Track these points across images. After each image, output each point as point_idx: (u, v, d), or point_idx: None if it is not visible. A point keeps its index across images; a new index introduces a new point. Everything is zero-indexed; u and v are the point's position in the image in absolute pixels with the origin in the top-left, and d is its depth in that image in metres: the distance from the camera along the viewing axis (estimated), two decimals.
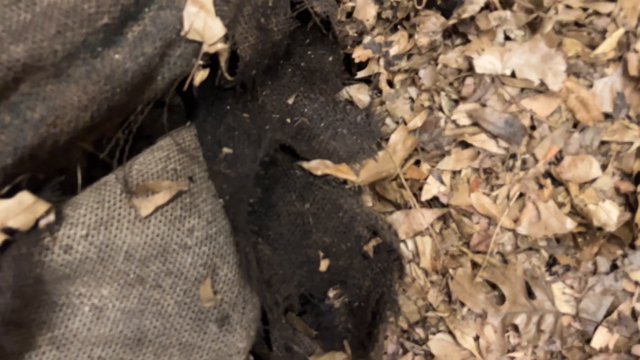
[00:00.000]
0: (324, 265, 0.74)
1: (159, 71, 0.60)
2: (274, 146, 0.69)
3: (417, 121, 0.76)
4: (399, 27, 0.79)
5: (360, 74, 0.80)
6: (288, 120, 0.78)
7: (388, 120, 0.80)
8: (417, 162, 0.79)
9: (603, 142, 0.72)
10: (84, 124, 0.56)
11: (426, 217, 0.77)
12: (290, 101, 0.79)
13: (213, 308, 0.62)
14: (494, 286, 0.76)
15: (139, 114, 0.62)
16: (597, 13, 0.71)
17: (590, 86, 0.72)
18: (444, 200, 0.76)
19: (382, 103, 0.80)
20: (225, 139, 0.69)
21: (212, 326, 0.62)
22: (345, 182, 0.77)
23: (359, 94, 0.80)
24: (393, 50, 0.78)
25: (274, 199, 0.74)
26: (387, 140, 0.78)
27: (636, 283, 0.72)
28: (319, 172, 0.74)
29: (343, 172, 0.76)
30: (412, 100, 0.78)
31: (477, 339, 0.77)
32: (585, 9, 0.71)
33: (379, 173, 0.77)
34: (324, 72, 0.79)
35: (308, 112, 0.80)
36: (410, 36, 0.78)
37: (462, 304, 0.78)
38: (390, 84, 0.80)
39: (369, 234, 0.75)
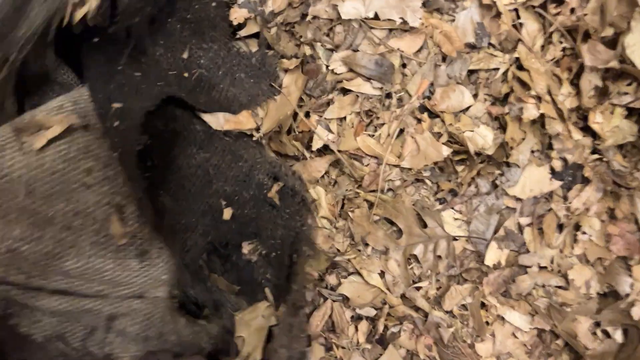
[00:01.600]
0: (227, 214, 0.77)
1: (30, 5, 0.62)
2: (161, 97, 0.72)
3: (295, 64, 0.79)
4: None
5: (242, 33, 0.83)
6: (186, 74, 0.80)
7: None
8: (307, 114, 0.83)
9: (471, 72, 0.77)
10: None
11: (320, 166, 0.81)
12: (185, 55, 0.81)
13: (130, 245, 0.65)
14: (391, 222, 0.81)
15: (19, 52, 0.64)
16: None
17: (453, 20, 0.77)
18: (334, 147, 0.81)
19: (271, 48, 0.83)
20: (115, 94, 0.71)
21: (133, 262, 0.65)
22: (246, 134, 0.80)
23: (250, 47, 0.83)
24: (268, 8, 0.82)
25: (175, 153, 0.77)
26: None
27: (515, 198, 0.78)
28: (218, 127, 0.77)
29: (243, 123, 0.79)
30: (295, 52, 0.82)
31: (383, 275, 0.82)
32: None
33: (279, 115, 0.80)
34: (210, 19, 0.80)
35: (204, 62, 0.81)
36: None
37: (366, 244, 0.82)
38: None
39: (270, 181, 0.78)
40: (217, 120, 0.78)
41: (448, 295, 0.81)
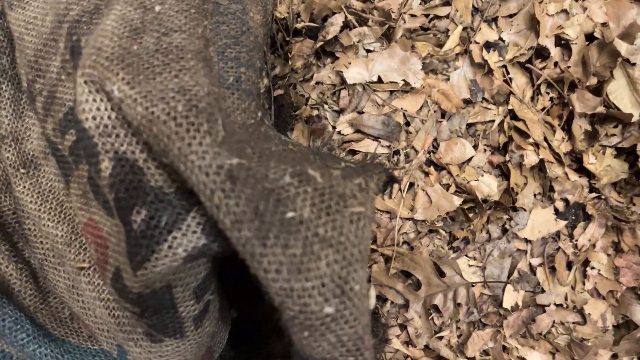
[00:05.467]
0: None
1: None
2: None
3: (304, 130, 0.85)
4: (275, 54, 0.89)
5: None
6: None
7: None
8: None
9: (469, 125, 0.85)
10: None
11: None
12: None
13: None
14: (408, 274, 0.85)
15: None
16: (437, 17, 0.84)
17: (448, 79, 0.85)
18: None
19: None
20: None
21: None
22: None
23: None
24: (274, 72, 0.88)
25: None
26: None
27: (526, 240, 0.84)
28: None
29: None
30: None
31: (405, 328, 0.85)
32: (427, 15, 0.84)
33: None
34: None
35: None
36: (286, 61, 0.88)
37: (385, 299, 0.86)
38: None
39: None
40: None
41: (470, 341, 0.84)
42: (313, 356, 0.47)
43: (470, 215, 0.83)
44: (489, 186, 0.83)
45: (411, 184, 0.83)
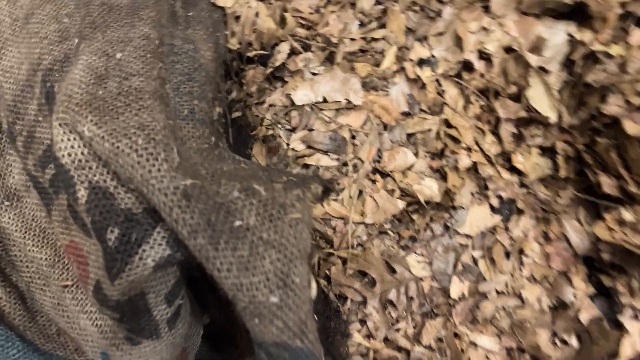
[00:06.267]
0: None
1: None
2: None
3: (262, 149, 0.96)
4: (231, 81, 1.00)
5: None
6: None
7: None
8: None
9: (409, 135, 0.96)
10: None
11: None
12: None
13: None
14: (364, 274, 0.96)
15: None
16: (374, 39, 0.96)
17: (387, 95, 0.96)
18: None
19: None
20: None
21: None
22: None
23: None
24: (231, 96, 0.98)
25: None
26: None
27: (466, 235, 0.95)
28: None
29: None
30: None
31: (364, 322, 0.96)
32: (364, 38, 0.96)
33: None
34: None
35: None
36: (241, 86, 0.99)
37: (345, 298, 0.96)
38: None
39: None
40: None
41: (424, 331, 0.95)
42: (266, 341, 0.57)
43: (415, 216, 0.95)
44: (430, 189, 0.94)
45: (360, 192, 0.94)
